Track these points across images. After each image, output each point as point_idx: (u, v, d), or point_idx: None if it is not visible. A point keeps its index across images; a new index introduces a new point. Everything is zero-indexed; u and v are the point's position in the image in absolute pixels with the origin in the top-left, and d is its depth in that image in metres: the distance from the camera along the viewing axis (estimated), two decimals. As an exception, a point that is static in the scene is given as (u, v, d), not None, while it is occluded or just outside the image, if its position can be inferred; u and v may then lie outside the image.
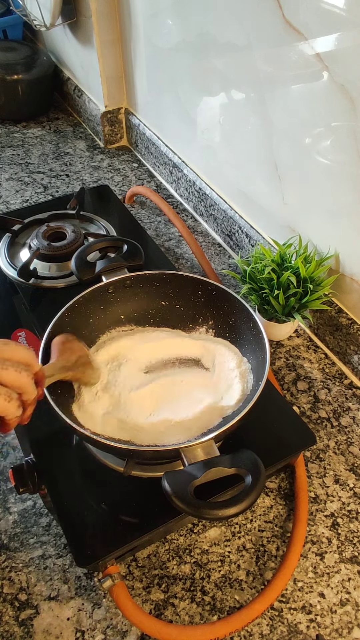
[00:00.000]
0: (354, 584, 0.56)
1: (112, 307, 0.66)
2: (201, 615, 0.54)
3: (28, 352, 0.44)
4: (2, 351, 0.42)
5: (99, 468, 0.57)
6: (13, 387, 0.42)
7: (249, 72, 0.73)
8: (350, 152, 0.61)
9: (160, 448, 0.52)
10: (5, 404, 0.40)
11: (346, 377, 0.75)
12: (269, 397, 0.63)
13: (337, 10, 0.56)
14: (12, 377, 0.41)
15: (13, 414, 0.42)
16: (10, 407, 0.41)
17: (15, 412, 0.41)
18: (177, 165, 1.02)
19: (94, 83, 1.16)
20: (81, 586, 0.56)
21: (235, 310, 0.63)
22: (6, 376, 0.41)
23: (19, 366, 0.42)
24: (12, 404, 0.41)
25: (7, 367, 0.41)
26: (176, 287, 0.66)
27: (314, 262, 0.69)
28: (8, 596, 0.55)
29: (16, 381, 0.42)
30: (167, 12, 0.86)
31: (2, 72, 1.20)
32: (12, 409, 0.41)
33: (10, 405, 0.41)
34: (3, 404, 0.40)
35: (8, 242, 0.84)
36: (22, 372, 0.42)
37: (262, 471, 0.46)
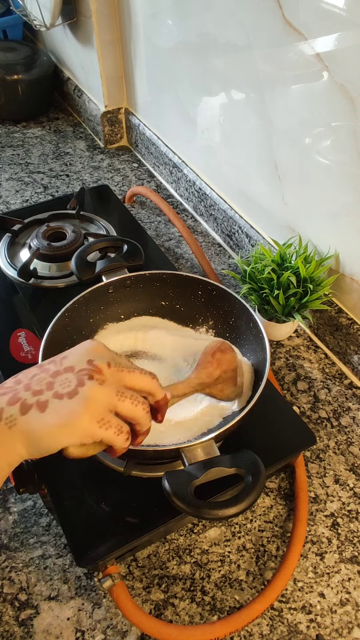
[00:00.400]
0: (354, 584, 0.56)
1: (112, 307, 0.66)
2: (201, 615, 0.54)
3: (151, 380, 0.43)
4: (125, 378, 0.42)
5: (99, 468, 0.57)
6: (127, 417, 0.41)
7: (249, 72, 0.73)
8: (350, 152, 0.61)
9: (160, 448, 0.52)
10: (114, 437, 0.40)
11: (346, 377, 0.75)
12: (269, 397, 0.63)
13: (337, 10, 0.56)
14: (127, 409, 0.41)
15: (120, 446, 0.41)
16: (119, 440, 0.40)
17: (122, 444, 0.41)
18: (177, 165, 1.02)
19: (94, 83, 1.16)
20: (81, 586, 0.56)
21: (236, 310, 0.63)
22: (122, 407, 0.40)
23: (137, 398, 0.41)
24: (122, 437, 0.40)
25: (125, 399, 0.40)
26: (176, 287, 0.66)
27: (314, 262, 0.69)
28: (8, 596, 0.55)
29: (130, 413, 0.41)
30: (167, 12, 0.86)
31: (2, 72, 1.20)
32: (120, 441, 0.40)
33: (119, 438, 0.40)
34: (113, 437, 0.40)
35: (8, 242, 0.84)
36: (138, 404, 0.41)
37: (262, 471, 0.46)
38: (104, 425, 0.39)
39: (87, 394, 0.39)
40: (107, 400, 0.39)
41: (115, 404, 0.40)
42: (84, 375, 0.40)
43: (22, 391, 0.39)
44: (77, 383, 0.39)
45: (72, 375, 0.40)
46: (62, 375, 0.40)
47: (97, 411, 0.39)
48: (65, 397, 0.38)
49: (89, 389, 0.39)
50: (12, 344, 0.69)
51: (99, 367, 0.40)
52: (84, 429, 0.38)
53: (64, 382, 0.39)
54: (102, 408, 0.39)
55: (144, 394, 0.43)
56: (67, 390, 0.39)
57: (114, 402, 0.40)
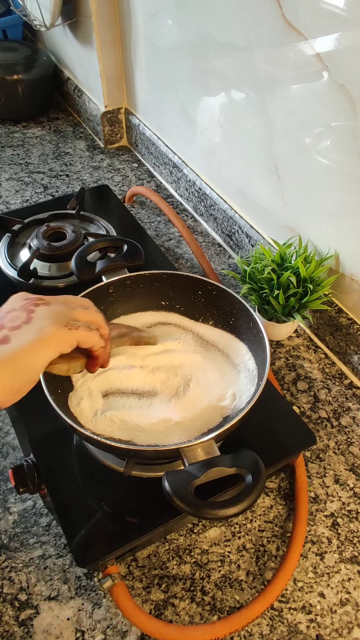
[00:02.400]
0: (354, 584, 0.56)
1: (112, 307, 0.66)
2: (201, 615, 0.54)
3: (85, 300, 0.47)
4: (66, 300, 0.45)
5: (99, 468, 0.57)
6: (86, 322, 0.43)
7: (249, 72, 0.73)
8: (350, 152, 0.61)
9: (160, 448, 0.52)
10: (87, 333, 0.42)
11: (346, 377, 0.75)
12: (269, 397, 0.63)
13: (337, 10, 0.56)
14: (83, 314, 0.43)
15: (98, 344, 0.43)
16: (93, 335, 0.42)
17: (99, 341, 0.43)
18: (177, 165, 1.02)
19: (94, 83, 1.16)
20: (81, 586, 0.56)
21: (236, 310, 0.63)
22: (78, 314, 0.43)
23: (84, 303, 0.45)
24: (94, 333, 0.43)
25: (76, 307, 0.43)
26: (176, 287, 0.66)
27: (314, 262, 0.69)
28: (8, 596, 0.55)
29: (88, 316, 0.44)
30: (167, 12, 0.86)
31: (2, 72, 1.20)
32: (95, 338, 0.43)
33: (93, 334, 0.42)
34: (86, 334, 0.41)
35: (8, 242, 0.84)
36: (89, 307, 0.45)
37: (262, 471, 0.46)
38: (73, 327, 0.41)
39: (42, 313, 0.40)
40: (61, 311, 0.42)
41: (71, 312, 0.42)
42: (29, 306, 0.41)
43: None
44: (27, 312, 0.40)
45: (17, 312, 0.41)
46: (7, 316, 0.41)
47: (60, 319, 0.41)
48: (22, 325, 0.39)
49: (40, 310, 0.41)
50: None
51: (36, 296, 0.43)
52: (56, 335, 0.39)
53: (13, 319, 0.40)
54: (61, 317, 0.41)
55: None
56: (21, 320, 0.40)
57: (68, 311, 0.42)
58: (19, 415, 0.63)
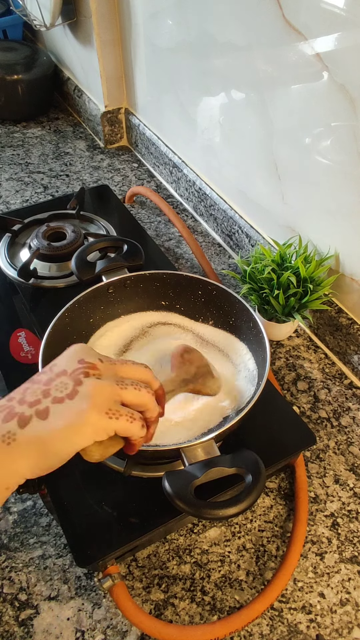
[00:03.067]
0: (354, 584, 0.56)
1: (112, 307, 0.66)
2: (201, 615, 0.54)
3: (146, 371, 0.43)
4: (120, 371, 0.41)
5: (99, 468, 0.57)
6: (134, 405, 0.40)
7: (249, 72, 0.73)
8: (350, 152, 0.61)
9: (160, 448, 0.52)
10: (128, 425, 0.38)
11: (346, 377, 0.75)
12: (269, 397, 0.63)
13: (337, 10, 0.56)
14: (132, 395, 0.40)
15: (137, 434, 0.40)
16: (133, 427, 0.39)
17: (139, 432, 0.40)
18: (177, 165, 1.02)
19: (94, 83, 1.16)
20: (81, 586, 0.56)
21: (236, 310, 0.63)
22: (126, 395, 0.39)
23: (137, 384, 0.41)
24: (136, 425, 0.39)
25: (127, 386, 0.40)
26: (176, 287, 0.66)
27: (314, 262, 0.69)
28: (8, 596, 0.55)
29: (136, 399, 0.40)
30: (167, 12, 0.86)
31: (2, 72, 1.20)
32: (135, 429, 0.39)
33: (134, 425, 0.39)
34: (126, 425, 0.38)
35: (8, 242, 0.84)
36: (141, 389, 0.41)
37: (262, 471, 0.46)
38: (114, 416, 0.38)
39: (88, 390, 0.38)
40: (109, 391, 0.39)
41: (119, 393, 0.39)
42: (79, 375, 0.39)
43: (17, 406, 0.37)
44: (75, 383, 0.38)
45: (66, 378, 0.39)
46: (57, 380, 0.39)
47: (103, 403, 0.38)
48: (66, 400, 0.37)
49: (88, 385, 0.38)
50: (12, 344, 0.69)
51: (92, 363, 0.40)
52: (94, 424, 0.37)
53: (60, 386, 0.38)
54: (107, 400, 0.38)
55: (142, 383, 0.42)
56: (66, 392, 0.37)
57: (117, 391, 0.39)
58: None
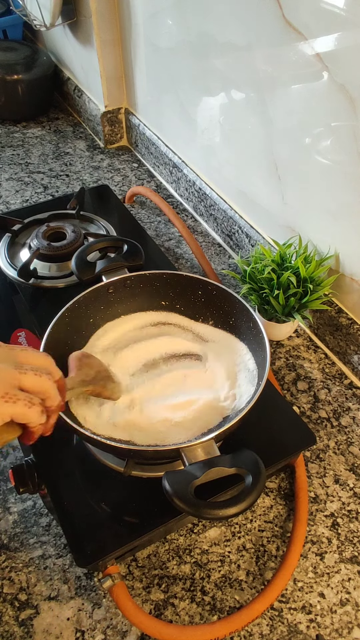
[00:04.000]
0: (354, 584, 0.56)
1: (112, 307, 0.66)
2: (201, 615, 0.54)
3: (46, 359, 0.42)
4: (20, 356, 0.40)
5: (99, 468, 0.57)
6: (34, 391, 0.39)
7: (249, 72, 0.73)
8: (350, 152, 0.61)
9: (160, 448, 0.52)
10: (26, 410, 0.37)
11: (346, 377, 0.75)
12: (269, 397, 0.63)
13: (337, 10, 0.56)
14: (32, 381, 0.38)
15: (36, 421, 0.38)
16: (32, 413, 0.37)
17: (38, 418, 0.38)
18: (177, 165, 1.02)
19: (94, 83, 1.16)
20: (81, 586, 0.56)
21: (236, 310, 0.63)
22: (26, 380, 0.38)
23: (38, 370, 0.39)
24: (34, 410, 0.37)
25: (26, 371, 0.38)
26: (176, 287, 0.66)
27: (314, 262, 0.69)
28: (8, 596, 0.55)
29: (37, 385, 0.38)
30: (167, 12, 0.86)
31: (2, 72, 1.20)
32: (34, 415, 0.37)
33: (32, 411, 0.37)
34: (24, 410, 0.37)
35: (8, 242, 0.84)
36: (42, 375, 0.39)
37: (262, 471, 0.46)
38: (10, 399, 0.36)
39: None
40: (6, 375, 0.37)
41: (18, 377, 0.37)
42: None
43: None
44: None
45: None
46: None
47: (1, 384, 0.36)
48: None
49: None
50: (12, 344, 0.69)
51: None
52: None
53: None
54: (3, 383, 0.36)
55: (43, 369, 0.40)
56: None
57: (16, 375, 0.37)
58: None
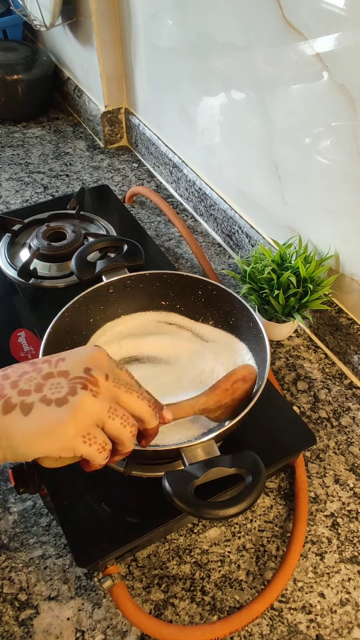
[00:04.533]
0: (354, 584, 0.56)
1: (112, 307, 0.66)
2: (201, 615, 0.54)
3: (148, 410, 0.41)
4: (121, 397, 0.39)
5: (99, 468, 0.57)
6: (112, 437, 0.39)
7: (249, 72, 0.73)
8: (350, 152, 0.61)
9: (160, 448, 0.52)
10: (96, 453, 0.37)
11: (346, 377, 0.75)
12: (269, 397, 0.63)
13: (337, 10, 0.56)
14: (114, 429, 0.38)
15: (98, 463, 0.39)
16: (99, 457, 0.38)
17: (101, 461, 0.38)
18: (177, 165, 1.02)
19: (94, 83, 1.16)
20: (81, 586, 0.56)
21: (236, 310, 0.63)
22: (109, 425, 0.38)
23: (128, 419, 0.39)
24: (102, 455, 0.38)
25: (115, 417, 0.38)
26: (176, 287, 0.66)
27: (314, 262, 0.69)
28: (8, 596, 0.55)
29: (116, 433, 0.38)
30: (167, 12, 0.86)
31: (2, 72, 1.20)
32: (100, 458, 0.38)
33: (100, 455, 0.38)
34: (94, 453, 0.37)
35: (8, 242, 0.84)
36: (127, 426, 0.39)
37: (262, 471, 0.46)
38: (88, 441, 0.36)
39: (77, 405, 0.36)
40: (97, 414, 0.37)
41: (104, 420, 0.37)
42: (77, 384, 0.37)
43: (8, 388, 0.36)
44: (69, 391, 0.36)
45: (64, 381, 0.37)
46: (55, 379, 0.37)
47: (84, 424, 0.36)
48: (53, 404, 0.36)
49: (80, 399, 0.36)
50: (12, 344, 0.69)
51: (95, 378, 0.38)
52: (67, 441, 0.35)
53: (55, 386, 0.37)
54: (90, 422, 0.36)
55: (136, 418, 0.40)
56: (57, 396, 0.36)
57: (104, 418, 0.37)
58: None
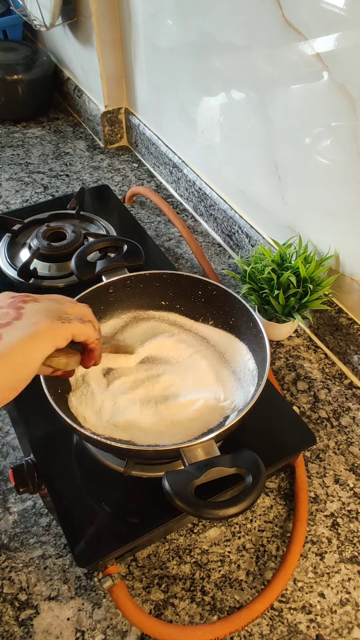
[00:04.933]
0: (354, 584, 0.56)
1: (112, 307, 0.66)
2: (201, 615, 0.54)
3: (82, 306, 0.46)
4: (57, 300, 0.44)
5: (99, 468, 0.57)
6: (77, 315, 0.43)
7: (249, 72, 0.73)
8: (350, 152, 0.61)
9: (160, 448, 0.52)
10: (81, 326, 0.42)
11: (346, 377, 0.75)
12: (269, 397, 0.63)
13: (337, 10, 0.56)
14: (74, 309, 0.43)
15: (93, 336, 0.43)
16: (87, 328, 0.42)
17: (94, 333, 0.43)
18: (177, 165, 1.02)
19: (94, 83, 1.16)
20: (81, 586, 0.56)
21: (236, 310, 0.63)
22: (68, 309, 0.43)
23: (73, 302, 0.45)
24: (88, 325, 0.43)
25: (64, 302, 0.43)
26: (176, 287, 0.66)
27: (314, 262, 0.69)
28: (8, 596, 0.55)
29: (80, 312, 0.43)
30: (167, 12, 0.86)
31: (2, 72, 1.20)
32: (89, 329, 0.43)
33: (86, 326, 0.42)
34: (80, 326, 0.41)
35: (8, 242, 0.84)
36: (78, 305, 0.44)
37: (262, 471, 0.46)
38: (66, 320, 0.40)
39: (33, 308, 0.40)
40: (53, 305, 0.41)
41: (63, 309, 0.42)
42: (17, 303, 0.41)
43: None
44: (15, 309, 0.40)
45: (4, 310, 0.40)
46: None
47: (53, 313, 0.40)
48: (13, 322, 0.39)
49: (31, 305, 0.40)
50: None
51: (24, 294, 0.42)
52: (51, 329, 0.39)
53: (2, 316, 0.39)
54: (54, 311, 0.41)
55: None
56: (11, 317, 0.39)
57: (60, 307, 0.42)
58: (19, 415, 0.63)
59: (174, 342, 0.64)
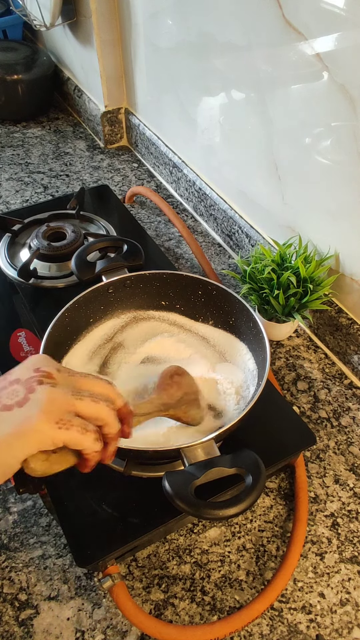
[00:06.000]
0: (354, 584, 0.56)
1: (112, 307, 0.66)
2: (201, 615, 0.54)
3: (108, 386, 0.41)
4: (79, 382, 0.39)
5: (99, 468, 0.57)
6: (91, 419, 0.38)
7: (249, 72, 0.73)
8: (350, 152, 0.61)
9: (160, 448, 0.52)
10: (79, 436, 0.36)
11: (346, 377, 0.75)
12: (269, 397, 0.63)
13: (337, 10, 0.56)
14: (88, 407, 0.38)
15: (90, 448, 0.38)
16: (85, 439, 0.37)
17: (92, 445, 0.37)
18: (177, 165, 1.02)
19: (94, 83, 1.16)
20: (81, 586, 0.56)
21: (236, 310, 0.63)
22: (81, 406, 0.37)
23: (96, 397, 0.39)
24: (88, 436, 0.37)
25: (83, 397, 0.38)
26: (176, 287, 0.66)
27: (314, 262, 0.69)
28: (8, 596, 0.55)
29: (94, 412, 0.38)
30: (167, 12, 0.86)
31: (2, 72, 1.20)
32: (88, 442, 0.37)
33: (86, 437, 0.37)
34: (77, 437, 0.36)
35: (8, 242, 0.84)
36: (99, 402, 0.38)
37: (262, 471, 0.46)
38: (64, 426, 0.35)
39: (39, 397, 0.36)
40: (63, 400, 0.36)
41: (74, 403, 0.37)
42: (33, 382, 0.37)
43: None
44: (27, 390, 0.36)
45: (19, 386, 0.37)
46: (9, 388, 0.37)
47: (54, 412, 0.35)
48: (15, 407, 0.35)
49: (41, 393, 0.36)
50: (12, 344, 0.69)
51: (48, 372, 0.38)
52: (40, 432, 0.35)
53: (11, 394, 0.36)
54: (58, 409, 0.36)
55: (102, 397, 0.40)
56: (16, 399, 0.36)
57: (72, 401, 0.37)
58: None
59: (174, 342, 0.64)
